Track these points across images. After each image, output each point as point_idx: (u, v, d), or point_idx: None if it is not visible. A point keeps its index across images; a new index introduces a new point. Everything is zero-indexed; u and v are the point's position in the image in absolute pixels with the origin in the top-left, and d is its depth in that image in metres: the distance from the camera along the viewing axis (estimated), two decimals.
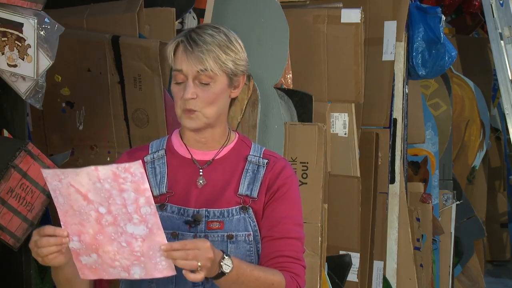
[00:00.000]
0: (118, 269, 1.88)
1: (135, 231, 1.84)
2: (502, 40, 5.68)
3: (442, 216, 5.50)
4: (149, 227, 1.84)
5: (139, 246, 1.85)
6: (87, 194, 1.84)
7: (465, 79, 6.51)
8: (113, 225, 1.85)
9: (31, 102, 2.61)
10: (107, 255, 1.87)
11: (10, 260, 2.81)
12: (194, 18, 3.66)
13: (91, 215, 1.85)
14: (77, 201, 1.85)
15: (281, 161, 2.13)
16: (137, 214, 1.84)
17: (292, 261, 2.04)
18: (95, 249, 1.87)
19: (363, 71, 4.18)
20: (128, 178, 1.81)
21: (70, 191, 1.84)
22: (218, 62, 2.02)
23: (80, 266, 1.90)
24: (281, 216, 2.06)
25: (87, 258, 1.89)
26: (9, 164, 2.63)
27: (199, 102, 2.03)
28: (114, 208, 1.84)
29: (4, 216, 2.63)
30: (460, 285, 6.26)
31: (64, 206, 1.87)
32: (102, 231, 1.86)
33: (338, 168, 4.06)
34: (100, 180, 1.82)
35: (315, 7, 4.22)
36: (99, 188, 1.83)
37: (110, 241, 1.86)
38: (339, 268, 4.04)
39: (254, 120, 3.39)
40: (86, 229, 1.86)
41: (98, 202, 1.84)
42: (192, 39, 2.03)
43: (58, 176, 1.84)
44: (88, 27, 3.36)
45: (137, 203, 1.83)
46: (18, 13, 2.52)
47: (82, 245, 1.88)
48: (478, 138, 6.58)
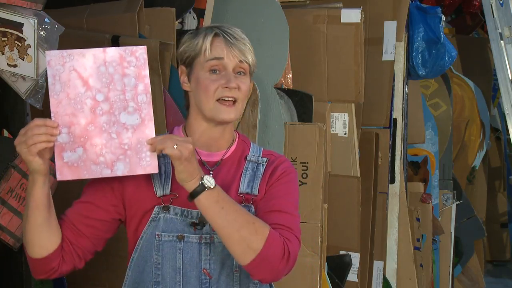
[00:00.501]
0: (101, 165, 1.92)
1: (127, 121, 1.92)
2: (502, 40, 5.68)
3: (442, 216, 5.50)
4: (142, 117, 1.92)
5: (128, 138, 1.92)
6: (88, 79, 1.91)
7: (465, 79, 6.51)
8: (107, 114, 1.91)
9: (31, 102, 2.61)
10: (93, 149, 1.91)
11: (10, 260, 2.81)
12: (194, 18, 3.66)
13: (86, 104, 1.91)
14: (76, 87, 1.91)
15: (281, 157, 2.16)
16: (133, 102, 1.92)
17: (285, 228, 2.01)
18: (83, 142, 1.91)
19: (363, 71, 4.18)
20: (132, 62, 1.91)
21: (71, 76, 1.90)
22: (252, 56, 2.09)
23: (61, 164, 1.91)
24: (277, 194, 2.07)
25: (71, 154, 1.91)
26: (9, 164, 2.64)
27: (240, 93, 2.06)
28: (112, 94, 1.91)
29: (4, 216, 2.63)
30: (460, 285, 6.26)
31: (60, 95, 1.90)
32: (95, 121, 1.91)
33: (338, 168, 4.06)
34: (106, 63, 1.91)
35: (315, 7, 4.22)
36: (102, 72, 1.91)
37: (101, 132, 1.91)
38: (339, 268, 4.04)
39: (254, 120, 3.39)
40: (78, 119, 1.91)
41: (98, 88, 1.91)
42: (227, 32, 2.07)
43: (63, 59, 1.90)
44: (88, 27, 3.36)
45: (135, 89, 1.92)
46: (18, 13, 2.52)
47: (70, 138, 1.91)
48: (478, 138, 6.58)
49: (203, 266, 2.04)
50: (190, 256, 2.03)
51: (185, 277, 2.03)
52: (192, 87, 2.10)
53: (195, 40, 2.08)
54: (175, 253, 2.03)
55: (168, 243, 2.03)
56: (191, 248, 2.03)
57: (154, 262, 2.04)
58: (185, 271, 2.03)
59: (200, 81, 2.06)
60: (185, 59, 2.11)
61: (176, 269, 2.03)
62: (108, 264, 3.24)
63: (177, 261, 2.03)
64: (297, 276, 3.36)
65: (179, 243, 2.03)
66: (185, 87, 2.13)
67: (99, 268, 3.24)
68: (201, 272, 2.03)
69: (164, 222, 2.04)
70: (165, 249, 2.03)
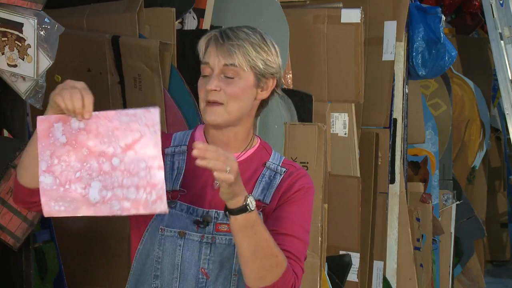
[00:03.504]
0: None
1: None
2: (502, 40, 5.69)
3: (442, 216, 5.50)
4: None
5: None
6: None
7: (465, 79, 6.51)
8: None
9: (31, 102, 2.61)
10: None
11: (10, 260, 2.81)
12: (194, 18, 3.66)
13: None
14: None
15: (301, 170, 2.11)
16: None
17: (294, 259, 2.02)
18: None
19: (363, 71, 4.17)
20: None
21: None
22: (246, 58, 2.02)
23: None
24: (291, 214, 2.04)
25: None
26: (9, 164, 2.64)
27: (222, 95, 2.01)
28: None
29: (4, 216, 2.63)
30: (460, 285, 6.26)
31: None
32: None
33: (338, 168, 4.06)
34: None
35: (315, 7, 4.22)
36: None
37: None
38: (339, 268, 4.04)
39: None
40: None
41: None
42: (226, 33, 2.03)
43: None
44: (88, 27, 3.36)
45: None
46: (18, 13, 2.52)
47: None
48: (478, 138, 6.58)
49: (202, 265, 2.03)
50: (189, 253, 2.03)
51: (183, 274, 2.03)
52: None
53: (199, 42, 2.08)
54: (175, 249, 2.03)
55: (170, 238, 2.03)
56: (191, 246, 2.03)
57: (155, 256, 2.04)
58: (183, 268, 2.03)
59: (198, 85, 2.07)
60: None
61: (175, 265, 2.03)
62: (108, 264, 3.24)
63: (176, 257, 2.03)
64: None
65: (180, 239, 2.03)
66: None
67: (99, 268, 3.25)
68: (199, 271, 2.03)
69: (169, 216, 2.03)
70: (166, 244, 2.03)
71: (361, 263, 4.25)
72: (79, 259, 3.29)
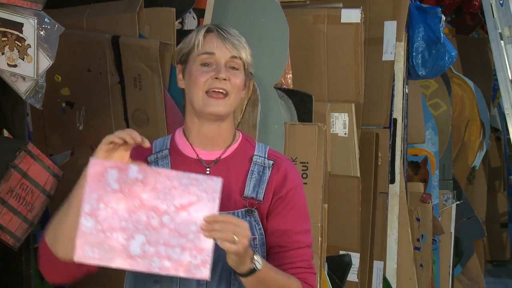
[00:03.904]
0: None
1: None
2: (502, 40, 5.68)
3: (442, 216, 5.50)
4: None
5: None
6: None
7: (465, 79, 6.51)
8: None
9: (31, 102, 2.61)
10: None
11: (10, 260, 2.81)
12: (194, 18, 3.66)
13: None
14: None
15: (286, 162, 2.12)
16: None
17: (305, 271, 2.04)
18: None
19: (363, 71, 4.18)
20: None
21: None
22: (246, 54, 2.07)
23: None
24: (291, 226, 2.06)
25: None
26: (9, 164, 2.63)
27: (229, 85, 2.03)
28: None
29: (4, 216, 2.63)
30: (460, 285, 6.26)
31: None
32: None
33: (338, 168, 4.06)
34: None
35: (315, 7, 4.22)
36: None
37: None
38: (339, 268, 4.04)
39: (254, 120, 3.39)
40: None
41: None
42: (223, 29, 2.06)
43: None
44: (88, 27, 3.36)
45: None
46: (18, 13, 2.52)
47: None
48: (478, 138, 6.58)
49: None
50: None
51: (182, 280, 2.00)
52: (186, 82, 2.08)
53: (188, 37, 2.08)
54: None
55: None
56: None
57: None
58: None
59: (192, 73, 2.05)
60: (180, 57, 2.10)
61: None
62: None
63: None
64: None
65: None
66: (181, 84, 2.11)
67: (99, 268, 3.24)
68: None
69: None
70: None
71: (361, 263, 4.25)
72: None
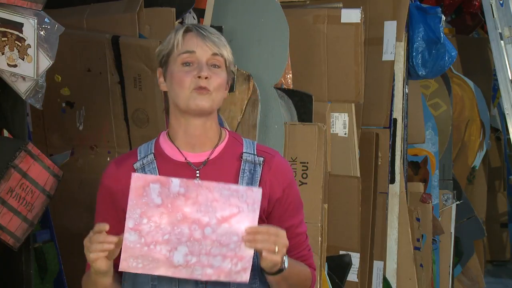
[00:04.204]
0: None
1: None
2: (502, 40, 5.68)
3: (442, 216, 5.50)
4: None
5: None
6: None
7: (465, 79, 6.51)
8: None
9: (31, 102, 2.61)
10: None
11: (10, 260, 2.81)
12: (194, 18, 3.66)
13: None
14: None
15: (276, 157, 2.11)
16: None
17: (309, 256, 2.14)
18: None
19: (363, 71, 4.18)
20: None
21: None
22: (227, 52, 2.06)
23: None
24: (292, 221, 2.10)
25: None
26: (9, 164, 2.63)
27: (211, 83, 2.02)
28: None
29: (4, 216, 2.63)
30: (460, 285, 6.26)
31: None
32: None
33: (338, 168, 4.06)
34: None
35: (315, 7, 4.22)
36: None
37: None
38: (339, 268, 4.04)
39: (254, 120, 3.39)
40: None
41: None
42: (202, 28, 2.06)
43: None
44: (88, 27, 3.36)
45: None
46: (18, 13, 2.52)
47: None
48: (478, 138, 6.58)
49: None
50: None
51: (181, 279, 2.01)
52: (168, 84, 2.07)
53: (167, 38, 2.08)
54: None
55: None
56: None
57: None
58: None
59: (174, 74, 2.03)
60: (160, 60, 2.09)
61: None
62: None
63: None
64: None
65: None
66: (162, 87, 2.10)
67: None
68: None
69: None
70: None
71: (361, 263, 4.25)
72: (79, 259, 3.28)
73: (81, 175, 3.28)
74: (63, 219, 3.21)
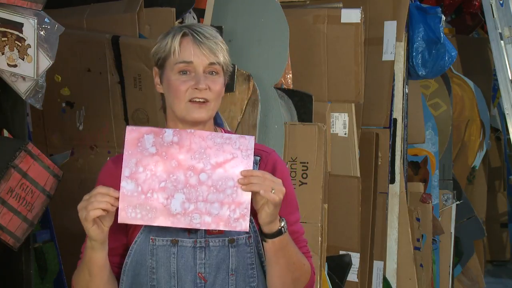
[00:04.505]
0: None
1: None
2: (502, 40, 5.68)
3: (442, 216, 5.50)
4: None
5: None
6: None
7: (465, 79, 6.51)
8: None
9: (31, 102, 2.61)
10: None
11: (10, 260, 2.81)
12: (194, 18, 3.66)
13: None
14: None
15: (272, 155, 2.13)
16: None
17: (308, 255, 2.12)
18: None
19: (363, 71, 4.18)
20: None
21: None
22: (224, 55, 2.05)
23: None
24: (286, 217, 2.06)
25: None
26: (9, 164, 2.63)
27: (210, 93, 2.03)
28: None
29: (4, 216, 2.63)
30: (460, 285, 6.26)
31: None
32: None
33: (338, 168, 4.06)
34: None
35: (315, 7, 4.22)
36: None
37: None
38: (339, 268, 4.04)
39: (254, 120, 3.39)
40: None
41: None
42: (198, 31, 2.03)
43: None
44: (88, 27, 3.36)
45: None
46: (18, 13, 2.52)
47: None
48: (478, 138, 6.58)
49: (198, 270, 2.03)
50: (184, 260, 2.03)
51: (180, 281, 2.02)
52: (164, 89, 2.08)
53: (164, 40, 2.06)
54: (169, 258, 2.03)
55: (162, 247, 2.03)
56: (186, 253, 2.03)
57: (149, 267, 2.04)
58: (180, 276, 2.03)
59: (171, 83, 2.04)
60: (157, 61, 2.09)
61: (171, 274, 2.03)
62: None
63: (172, 266, 2.03)
64: None
65: (173, 247, 2.02)
66: (159, 89, 2.11)
67: None
68: (196, 276, 2.03)
69: (159, 227, 2.03)
70: (159, 253, 2.03)
71: (361, 263, 4.25)
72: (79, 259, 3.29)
73: (81, 175, 3.28)
74: (63, 219, 3.20)
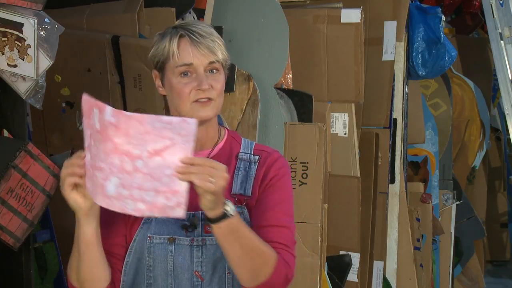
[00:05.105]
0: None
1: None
2: (502, 40, 5.68)
3: (442, 216, 5.50)
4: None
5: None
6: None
7: (465, 79, 6.51)
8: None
9: (31, 102, 2.61)
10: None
11: (10, 260, 2.81)
12: (194, 18, 3.66)
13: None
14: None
15: (274, 154, 2.11)
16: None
17: (283, 247, 2.01)
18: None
19: (363, 71, 4.18)
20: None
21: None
22: (222, 52, 2.04)
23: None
24: (271, 204, 2.04)
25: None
26: (9, 164, 2.63)
27: (213, 92, 2.02)
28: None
29: (4, 216, 2.63)
30: (460, 285, 6.26)
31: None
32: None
33: (338, 168, 4.06)
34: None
35: (315, 7, 4.22)
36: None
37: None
38: (339, 268, 4.04)
39: (254, 120, 3.39)
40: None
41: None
42: (193, 30, 2.02)
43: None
44: (88, 27, 3.36)
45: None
46: (18, 13, 2.52)
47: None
48: (478, 138, 6.58)
49: (195, 268, 2.03)
50: (181, 258, 2.02)
51: (177, 279, 2.02)
52: (167, 91, 2.07)
53: (162, 43, 2.04)
54: (167, 256, 2.02)
55: (159, 245, 2.03)
56: (183, 251, 2.02)
57: (146, 264, 2.04)
58: (177, 274, 2.02)
59: (173, 85, 2.03)
60: (156, 64, 2.08)
61: (168, 272, 2.03)
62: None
63: (169, 264, 2.02)
64: (297, 276, 3.36)
65: (170, 245, 2.02)
66: (161, 91, 2.10)
67: None
68: (193, 274, 2.03)
69: (156, 224, 2.02)
70: (156, 251, 2.03)
71: (361, 263, 4.25)
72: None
73: None
74: (63, 219, 3.21)
